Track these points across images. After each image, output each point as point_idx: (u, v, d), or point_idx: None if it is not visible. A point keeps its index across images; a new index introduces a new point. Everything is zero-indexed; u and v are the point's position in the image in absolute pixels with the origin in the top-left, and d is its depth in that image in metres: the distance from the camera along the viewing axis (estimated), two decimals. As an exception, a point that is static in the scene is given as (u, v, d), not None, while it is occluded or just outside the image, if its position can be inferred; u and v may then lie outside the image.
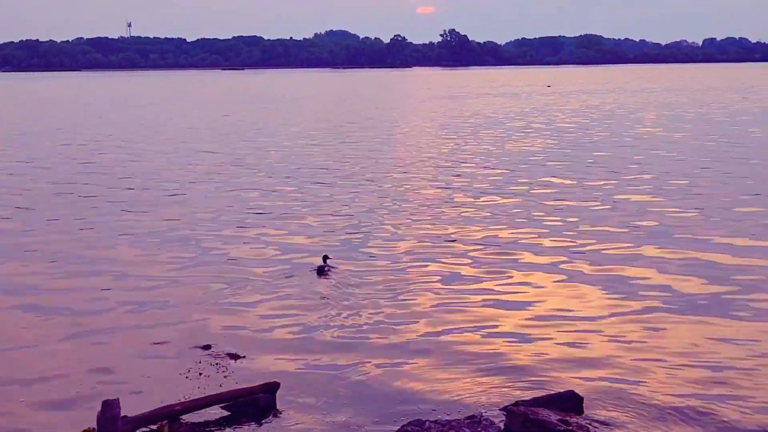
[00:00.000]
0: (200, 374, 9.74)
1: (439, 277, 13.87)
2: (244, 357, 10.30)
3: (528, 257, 15.19)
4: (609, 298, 12.61)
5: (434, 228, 17.81)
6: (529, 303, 12.44)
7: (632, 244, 15.98)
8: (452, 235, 17.03)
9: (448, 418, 8.16)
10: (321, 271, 14.09)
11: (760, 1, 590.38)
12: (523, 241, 16.48)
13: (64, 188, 24.52)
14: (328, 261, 14.30)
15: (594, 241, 16.34)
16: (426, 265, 14.64)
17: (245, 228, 18.13)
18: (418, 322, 11.64)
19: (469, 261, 14.96)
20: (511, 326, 11.41)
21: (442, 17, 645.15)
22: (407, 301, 12.58)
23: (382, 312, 12.04)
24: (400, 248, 15.97)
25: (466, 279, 13.79)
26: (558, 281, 13.62)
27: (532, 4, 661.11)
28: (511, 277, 13.88)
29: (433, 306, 12.35)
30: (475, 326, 11.41)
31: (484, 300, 12.62)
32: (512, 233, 17.18)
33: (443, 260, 14.99)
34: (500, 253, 15.51)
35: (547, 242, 16.34)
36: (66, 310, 12.50)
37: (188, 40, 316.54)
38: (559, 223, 18.09)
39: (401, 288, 13.26)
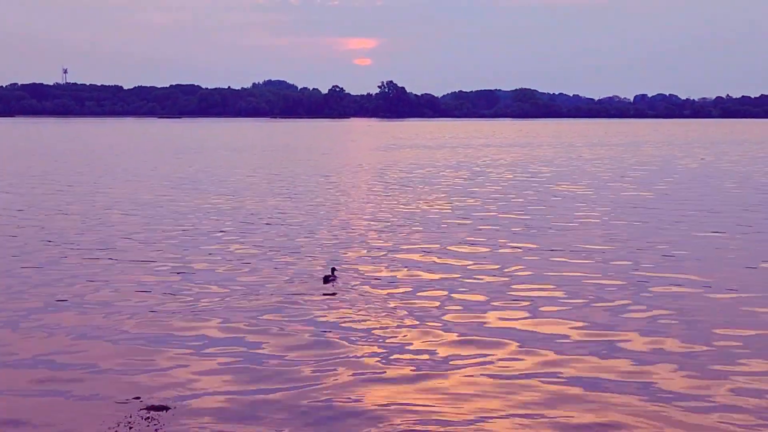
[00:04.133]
0: (130, 428, 9.42)
1: (365, 338, 13.76)
2: (175, 408, 10.00)
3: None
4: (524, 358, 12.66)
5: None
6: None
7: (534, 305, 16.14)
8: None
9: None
10: (327, 280, 16.37)
11: (690, 60, 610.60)
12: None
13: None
14: (335, 272, 16.64)
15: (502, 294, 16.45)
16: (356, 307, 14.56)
17: (170, 276, 17.83)
18: (343, 372, 11.51)
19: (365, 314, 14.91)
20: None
21: (381, 69, 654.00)
22: (335, 349, 12.44)
23: (312, 352, 11.89)
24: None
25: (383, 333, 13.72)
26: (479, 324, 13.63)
27: (470, 58, 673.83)
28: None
29: (359, 359, 12.22)
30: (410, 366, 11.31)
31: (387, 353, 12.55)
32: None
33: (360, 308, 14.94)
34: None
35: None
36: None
37: (125, 87, 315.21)
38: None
39: (337, 328, 13.14)
